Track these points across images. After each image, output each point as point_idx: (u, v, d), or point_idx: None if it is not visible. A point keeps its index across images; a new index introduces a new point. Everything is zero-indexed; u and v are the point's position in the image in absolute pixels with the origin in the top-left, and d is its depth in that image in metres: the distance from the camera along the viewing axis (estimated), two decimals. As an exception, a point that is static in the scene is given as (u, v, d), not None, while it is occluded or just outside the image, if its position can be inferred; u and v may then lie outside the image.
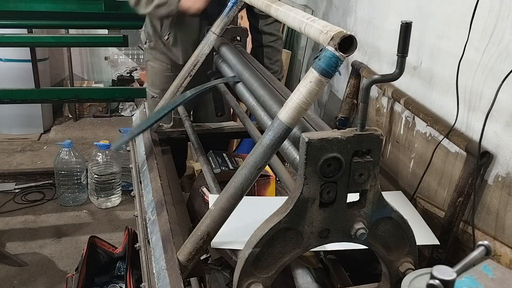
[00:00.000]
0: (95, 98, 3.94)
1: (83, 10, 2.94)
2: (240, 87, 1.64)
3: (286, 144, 1.16)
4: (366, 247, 1.01)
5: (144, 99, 2.64)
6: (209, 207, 1.07)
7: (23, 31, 3.42)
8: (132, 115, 2.20)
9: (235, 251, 1.21)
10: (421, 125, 1.64)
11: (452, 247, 1.39)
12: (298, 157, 1.01)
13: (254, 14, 2.33)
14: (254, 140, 1.59)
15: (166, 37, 2.29)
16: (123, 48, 4.98)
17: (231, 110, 2.86)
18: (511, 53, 1.24)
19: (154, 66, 2.41)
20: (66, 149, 3.12)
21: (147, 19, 2.35)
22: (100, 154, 3.17)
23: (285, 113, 0.97)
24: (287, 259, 0.94)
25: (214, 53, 1.92)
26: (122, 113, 4.97)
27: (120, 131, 3.53)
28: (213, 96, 2.20)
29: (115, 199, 3.23)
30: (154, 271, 1.13)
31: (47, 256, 2.65)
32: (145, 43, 2.45)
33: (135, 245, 1.41)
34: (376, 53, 1.98)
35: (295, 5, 2.78)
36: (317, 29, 0.94)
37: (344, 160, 0.88)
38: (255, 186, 1.58)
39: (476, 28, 1.34)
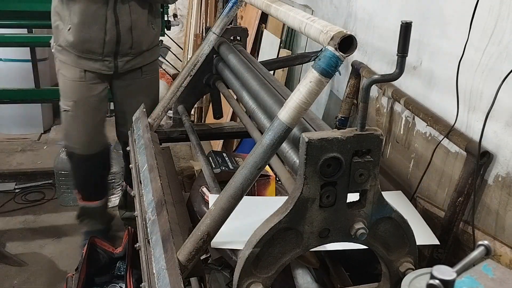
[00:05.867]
0: (95, 98, 3.92)
1: (83, 10, 2.94)
2: (240, 87, 1.64)
3: (286, 147, 1.16)
4: (366, 247, 1.01)
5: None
6: (209, 207, 1.07)
7: (23, 31, 3.42)
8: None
9: (235, 251, 1.21)
10: (421, 125, 1.64)
11: (452, 247, 1.39)
12: (298, 161, 1.01)
13: None
14: (254, 140, 1.59)
15: (68, 28, 2.12)
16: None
17: (229, 109, 2.86)
18: (511, 53, 1.24)
19: (65, 75, 2.23)
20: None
21: (52, 13, 2.19)
22: (100, 154, 3.17)
23: (285, 113, 0.97)
24: (287, 259, 0.95)
25: (214, 55, 1.92)
26: (122, 113, 4.95)
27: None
28: (212, 99, 2.20)
29: (115, 199, 3.23)
30: (154, 271, 1.13)
31: (47, 256, 2.65)
32: (52, 46, 2.26)
33: (135, 245, 1.41)
34: (376, 53, 1.98)
35: (295, 5, 2.78)
36: (317, 29, 0.95)
37: (344, 160, 0.88)
38: (255, 186, 1.58)
39: (476, 28, 1.34)
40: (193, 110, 3.98)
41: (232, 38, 1.98)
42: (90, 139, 2.34)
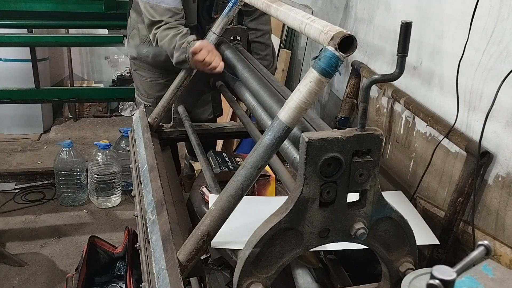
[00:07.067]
0: (95, 98, 3.93)
1: (83, 10, 2.94)
2: (240, 87, 1.64)
3: (286, 144, 1.16)
4: (366, 247, 1.01)
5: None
6: (209, 207, 1.07)
7: (23, 31, 3.42)
8: (132, 115, 2.19)
9: (235, 251, 1.21)
10: (421, 125, 1.64)
11: (452, 247, 1.39)
12: (298, 157, 1.01)
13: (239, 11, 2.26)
14: (254, 140, 1.59)
15: (145, 51, 2.20)
16: (123, 48, 4.98)
17: (229, 109, 2.86)
18: (511, 53, 1.24)
19: (144, 75, 2.31)
20: (66, 149, 3.12)
21: (129, 30, 2.28)
22: (100, 154, 3.17)
23: (285, 113, 0.97)
24: (287, 259, 0.94)
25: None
26: (122, 113, 4.96)
27: (120, 131, 3.53)
28: (212, 97, 2.20)
29: (115, 199, 3.23)
30: (154, 271, 1.13)
31: (47, 256, 2.65)
32: (127, 54, 2.36)
33: (135, 245, 1.41)
34: (376, 53, 1.98)
35: (295, 5, 2.78)
36: (317, 29, 0.95)
37: (344, 160, 0.88)
38: (255, 186, 1.58)
39: (476, 28, 1.34)
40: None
41: (232, 38, 1.98)
42: None
